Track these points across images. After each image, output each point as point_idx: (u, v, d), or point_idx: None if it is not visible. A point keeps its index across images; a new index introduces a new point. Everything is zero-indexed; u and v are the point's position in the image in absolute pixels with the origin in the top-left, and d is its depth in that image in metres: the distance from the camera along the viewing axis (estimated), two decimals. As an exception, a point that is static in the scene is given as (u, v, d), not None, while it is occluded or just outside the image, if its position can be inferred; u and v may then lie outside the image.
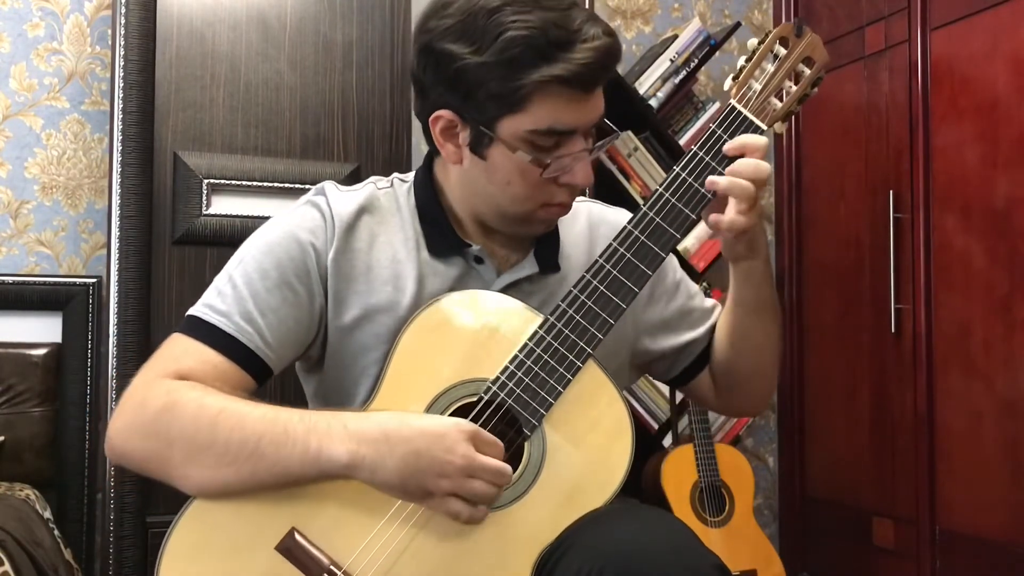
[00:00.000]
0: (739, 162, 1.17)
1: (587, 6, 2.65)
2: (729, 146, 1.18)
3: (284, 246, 1.21)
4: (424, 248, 1.26)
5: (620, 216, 1.38)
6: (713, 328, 1.39)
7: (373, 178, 1.33)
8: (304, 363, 1.30)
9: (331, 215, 1.24)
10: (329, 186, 1.29)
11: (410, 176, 1.33)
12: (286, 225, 1.23)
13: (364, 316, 1.22)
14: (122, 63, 2.30)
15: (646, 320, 1.37)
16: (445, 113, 1.19)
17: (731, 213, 1.17)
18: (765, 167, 1.17)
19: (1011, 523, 2.40)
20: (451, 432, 1.07)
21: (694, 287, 1.43)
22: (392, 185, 1.32)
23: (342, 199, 1.26)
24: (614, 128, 1.25)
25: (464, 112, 1.18)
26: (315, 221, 1.23)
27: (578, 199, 1.39)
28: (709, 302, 1.43)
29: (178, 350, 1.18)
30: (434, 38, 1.17)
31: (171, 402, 1.11)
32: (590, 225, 1.36)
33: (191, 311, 1.21)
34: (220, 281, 1.22)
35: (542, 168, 1.17)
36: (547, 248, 1.30)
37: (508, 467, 1.08)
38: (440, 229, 1.26)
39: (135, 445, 1.14)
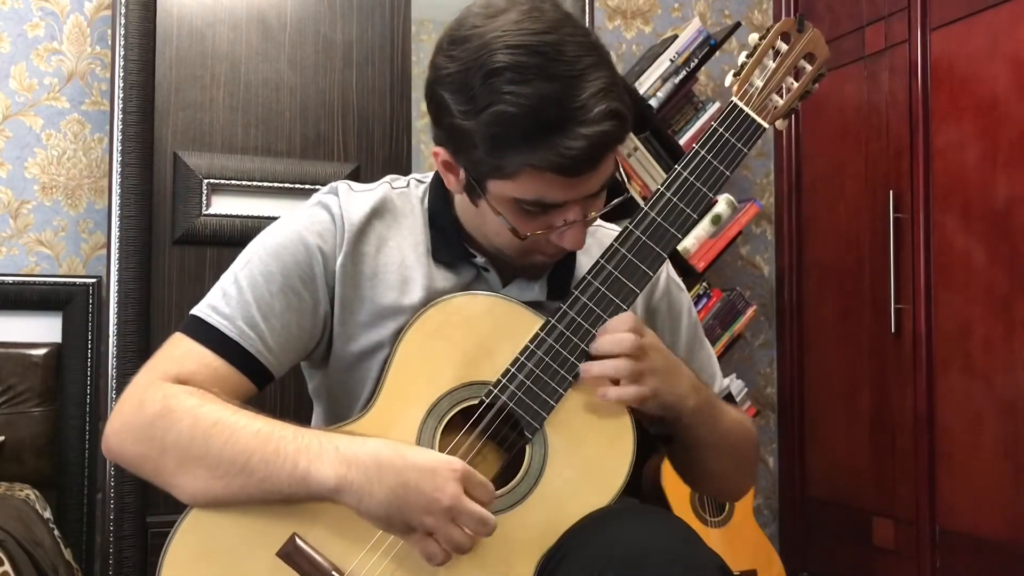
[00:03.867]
0: (599, 340, 1.13)
1: (587, 7, 2.65)
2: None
3: (291, 249, 1.19)
4: (431, 253, 1.24)
5: None
6: None
7: (390, 177, 1.31)
8: (309, 361, 1.30)
9: (341, 218, 1.21)
10: (342, 186, 1.26)
11: (428, 178, 1.30)
12: (295, 227, 1.21)
13: (370, 320, 1.21)
14: (122, 63, 2.29)
15: None
16: (442, 152, 1.16)
17: (616, 388, 1.13)
18: (626, 340, 1.12)
19: (1011, 523, 2.40)
20: (443, 469, 1.05)
21: (704, 351, 1.38)
22: (408, 186, 1.29)
23: (354, 201, 1.24)
24: (626, 189, 1.19)
25: (458, 160, 1.14)
26: (324, 224, 1.21)
27: (609, 226, 1.37)
28: (709, 373, 1.37)
29: (179, 352, 1.17)
30: (437, 80, 1.11)
31: (167, 408, 1.10)
32: None
33: (194, 311, 1.20)
34: (225, 281, 1.20)
35: (521, 238, 1.14)
36: (560, 276, 1.27)
37: (492, 517, 1.07)
38: (447, 237, 1.24)
39: (129, 447, 1.13)
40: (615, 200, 1.19)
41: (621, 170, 1.18)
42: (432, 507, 1.04)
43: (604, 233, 1.35)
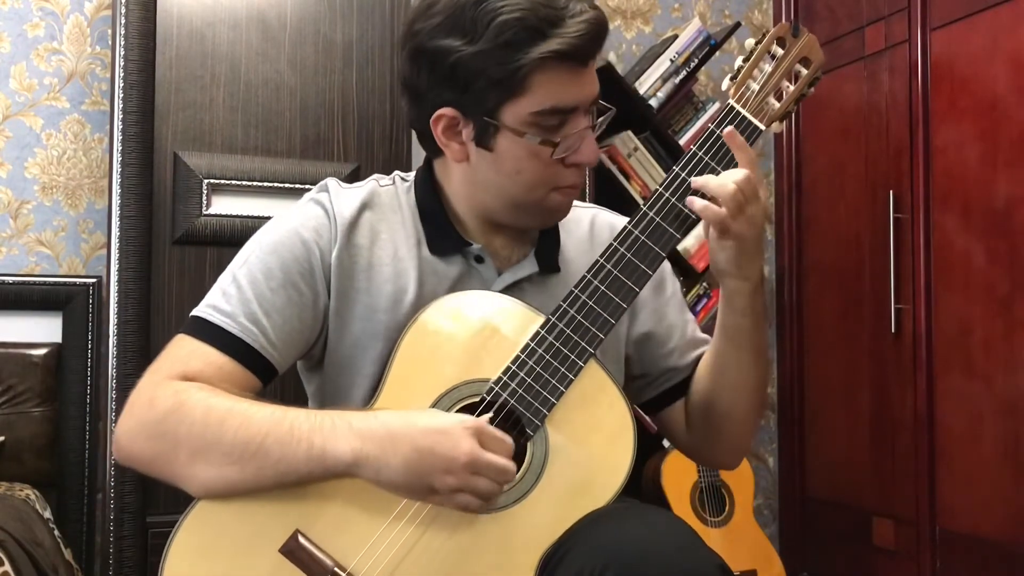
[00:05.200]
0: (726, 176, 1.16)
1: (587, 6, 2.65)
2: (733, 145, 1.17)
3: (288, 245, 1.21)
4: (425, 246, 1.26)
5: (623, 222, 1.38)
6: (698, 360, 1.35)
7: (375, 176, 1.33)
8: (306, 362, 1.30)
9: (334, 212, 1.24)
10: (332, 183, 1.29)
11: (411, 175, 1.33)
12: (290, 223, 1.23)
13: (365, 314, 1.22)
14: (122, 63, 2.30)
15: (635, 329, 1.36)
16: (446, 111, 1.19)
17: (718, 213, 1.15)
18: (729, 188, 1.14)
19: (1011, 523, 2.40)
20: (455, 429, 1.07)
21: (690, 315, 1.41)
22: (394, 183, 1.32)
23: (345, 196, 1.26)
24: (608, 106, 1.25)
25: (465, 106, 1.18)
26: (319, 219, 1.23)
27: (583, 205, 1.39)
28: (703, 334, 1.39)
29: (184, 352, 1.17)
30: (424, 38, 1.17)
31: (179, 403, 1.11)
32: (593, 230, 1.36)
33: (195, 312, 1.20)
34: (224, 281, 1.22)
35: (552, 148, 1.17)
36: (548, 249, 1.30)
37: (512, 464, 1.08)
38: (441, 228, 1.26)
39: (142, 446, 1.14)
40: (607, 114, 1.24)
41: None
42: (451, 466, 1.06)
43: (580, 212, 1.37)
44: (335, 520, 1.11)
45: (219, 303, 1.19)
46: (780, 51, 1.24)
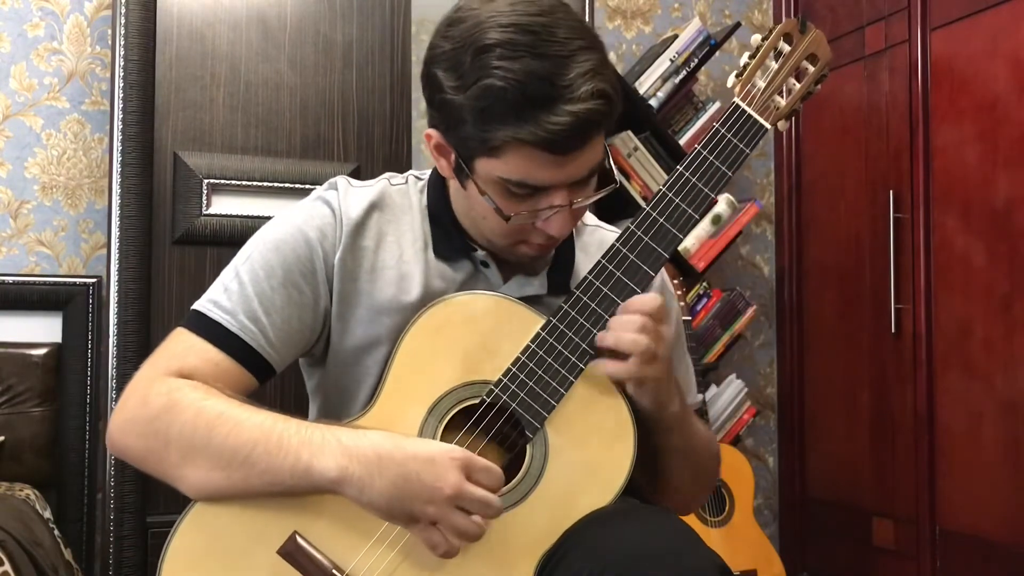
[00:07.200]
0: (621, 318, 1.13)
1: (587, 7, 2.65)
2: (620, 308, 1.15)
3: (292, 244, 1.20)
4: (431, 249, 1.25)
5: None
6: None
7: (388, 174, 1.32)
8: (308, 359, 1.30)
9: (341, 213, 1.23)
10: (342, 182, 1.27)
11: (426, 175, 1.31)
12: (295, 221, 1.22)
13: (367, 316, 1.22)
14: (122, 63, 2.29)
15: None
16: (434, 134, 1.17)
17: (625, 364, 1.13)
18: (640, 335, 1.12)
19: (1011, 523, 2.40)
20: (443, 459, 1.05)
21: (688, 360, 1.39)
22: (407, 182, 1.30)
23: (353, 196, 1.25)
24: (614, 179, 1.21)
25: (448, 139, 1.16)
26: (325, 218, 1.23)
27: (603, 226, 1.37)
28: (692, 383, 1.38)
29: (182, 347, 1.17)
30: (432, 59, 1.13)
31: (172, 402, 1.11)
32: (600, 245, 1.34)
33: (196, 306, 1.20)
34: (226, 277, 1.21)
35: (505, 219, 1.14)
36: (560, 271, 1.28)
37: (496, 499, 1.06)
38: (447, 232, 1.25)
39: (133, 442, 1.14)
40: (604, 189, 1.19)
41: (611, 160, 1.20)
42: (434, 496, 1.04)
43: (604, 234, 1.36)
44: (334, 522, 1.10)
45: (220, 299, 1.19)
46: (787, 48, 1.22)
